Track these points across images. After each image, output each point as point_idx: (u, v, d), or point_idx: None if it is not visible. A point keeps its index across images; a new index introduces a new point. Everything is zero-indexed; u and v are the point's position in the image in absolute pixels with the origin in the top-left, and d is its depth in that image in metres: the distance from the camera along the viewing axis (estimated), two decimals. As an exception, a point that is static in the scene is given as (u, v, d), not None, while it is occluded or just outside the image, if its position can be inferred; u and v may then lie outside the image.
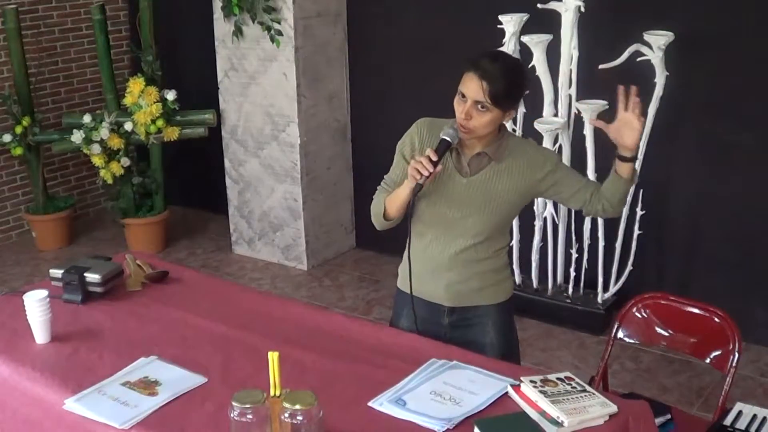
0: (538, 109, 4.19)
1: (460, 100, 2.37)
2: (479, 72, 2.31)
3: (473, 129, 2.36)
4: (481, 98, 2.31)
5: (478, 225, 2.48)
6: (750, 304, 4.06)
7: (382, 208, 2.52)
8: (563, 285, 4.49)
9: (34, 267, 5.29)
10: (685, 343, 2.81)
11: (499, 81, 2.30)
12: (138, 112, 5.05)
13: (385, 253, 5.18)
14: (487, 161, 2.45)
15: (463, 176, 2.46)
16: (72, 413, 2.16)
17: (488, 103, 2.31)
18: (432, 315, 2.59)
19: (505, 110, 2.37)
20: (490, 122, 2.36)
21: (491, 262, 2.55)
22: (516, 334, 2.73)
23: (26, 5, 5.52)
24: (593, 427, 2.03)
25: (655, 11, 4.06)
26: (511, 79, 2.33)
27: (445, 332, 2.59)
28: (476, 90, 2.31)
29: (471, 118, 2.34)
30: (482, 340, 2.58)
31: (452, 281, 2.54)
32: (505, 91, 2.31)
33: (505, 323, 2.63)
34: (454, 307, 2.58)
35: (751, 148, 4.01)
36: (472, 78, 2.32)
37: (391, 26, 5.00)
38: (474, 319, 2.59)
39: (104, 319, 2.65)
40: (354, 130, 5.31)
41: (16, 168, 5.64)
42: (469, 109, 2.34)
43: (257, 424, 1.93)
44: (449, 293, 2.56)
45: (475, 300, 2.57)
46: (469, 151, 2.46)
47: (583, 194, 2.49)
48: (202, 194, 6.10)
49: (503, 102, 2.33)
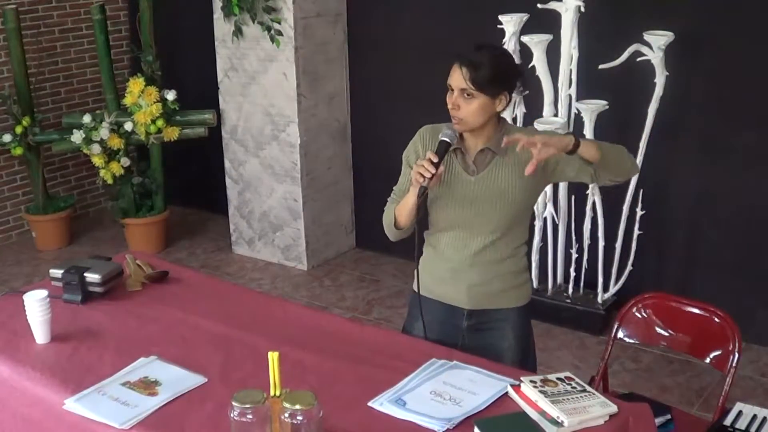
0: (538, 109, 4.19)
1: (450, 92, 2.40)
2: (460, 61, 2.35)
3: (464, 118, 2.38)
4: (464, 85, 2.34)
5: (494, 221, 2.47)
6: (750, 304, 4.06)
7: (392, 218, 2.53)
8: (563, 285, 4.49)
9: (34, 267, 5.29)
10: (685, 343, 2.82)
11: (481, 67, 2.33)
12: (138, 112, 5.05)
13: (385, 253, 5.18)
14: (492, 156, 2.45)
15: (470, 175, 2.46)
16: (72, 413, 2.16)
17: (472, 89, 2.34)
18: (450, 318, 2.57)
19: (493, 96, 2.37)
20: (479, 109, 2.37)
21: (512, 263, 2.54)
22: (533, 340, 2.71)
23: (26, 5, 5.53)
24: (593, 427, 2.03)
25: (655, 11, 4.06)
26: (493, 64, 2.35)
27: (463, 336, 2.56)
28: (459, 78, 2.35)
29: (459, 107, 2.37)
30: (501, 345, 2.56)
31: (473, 283, 2.52)
32: (488, 75, 2.33)
33: (523, 328, 2.60)
34: (474, 310, 2.55)
35: (751, 148, 4.02)
36: (455, 68, 2.37)
37: (391, 26, 5.00)
38: (493, 323, 2.56)
39: (104, 319, 2.65)
40: (354, 130, 5.31)
41: (16, 168, 5.64)
42: (456, 98, 2.37)
43: (257, 424, 1.93)
44: (470, 295, 2.53)
45: (496, 303, 2.55)
46: (472, 150, 2.47)
47: (587, 168, 2.39)
48: (202, 194, 6.09)
49: (487, 87, 2.34)
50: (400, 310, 4.47)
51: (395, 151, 2.65)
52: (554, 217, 4.30)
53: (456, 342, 2.54)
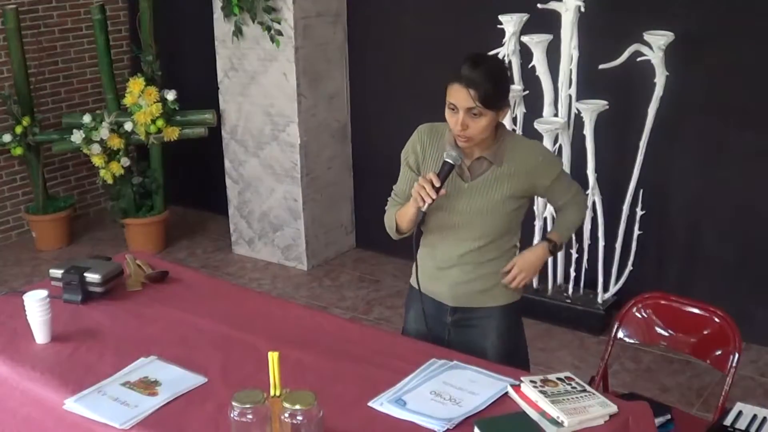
0: (538, 109, 4.19)
1: (451, 112, 2.38)
2: (463, 81, 2.33)
3: (472, 137, 2.38)
4: (472, 104, 2.33)
5: (482, 228, 2.49)
6: (750, 304, 4.06)
7: (394, 223, 2.57)
8: (563, 285, 4.49)
9: (34, 267, 5.29)
10: (685, 343, 2.82)
11: (485, 84, 2.32)
12: (138, 112, 5.05)
13: (385, 253, 5.18)
14: (488, 165, 2.47)
15: (464, 181, 2.48)
16: (72, 413, 2.16)
17: (480, 108, 2.33)
18: (437, 313, 2.61)
19: (498, 110, 2.39)
20: (487, 126, 2.38)
21: (498, 263, 2.56)
22: (523, 339, 2.72)
23: (26, 5, 5.52)
24: (593, 427, 2.03)
25: (655, 11, 4.06)
26: (495, 79, 2.35)
27: (449, 330, 2.61)
28: (465, 98, 2.33)
29: (467, 127, 2.36)
30: (482, 343, 2.58)
31: (456, 281, 2.55)
32: (493, 92, 2.33)
33: (508, 327, 2.62)
34: (457, 307, 2.59)
35: (751, 148, 4.02)
36: (458, 89, 2.34)
37: (391, 26, 5.00)
38: (476, 320, 2.59)
39: (104, 319, 2.65)
40: (354, 130, 5.31)
41: (16, 168, 5.64)
42: (463, 119, 2.35)
43: (257, 424, 1.93)
44: (452, 293, 2.57)
45: (478, 301, 2.58)
46: (469, 157, 2.48)
47: (563, 202, 2.61)
48: (202, 194, 6.09)
49: (494, 103, 2.35)
50: (400, 310, 4.46)
51: (395, 151, 2.65)
52: (554, 217, 4.30)
53: (443, 337, 2.59)
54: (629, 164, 4.09)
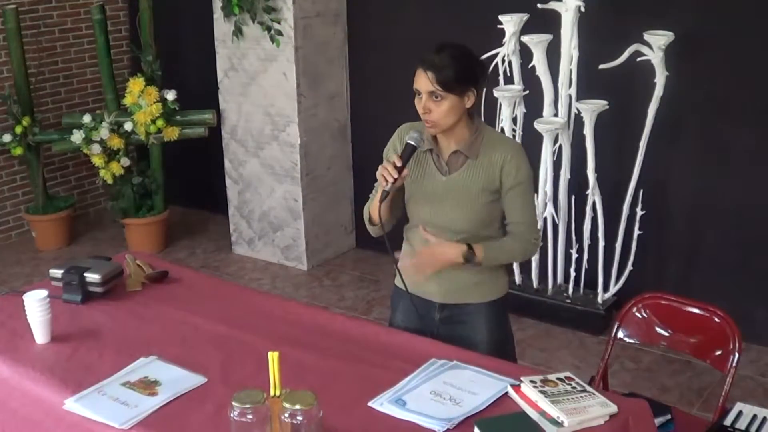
0: (538, 109, 4.19)
1: (417, 98, 2.44)
2: (424, 65, 2.39)
3: (436, 120, 2.41)
4: (432, 88, 2.38)
5: (460, 222, 2.51)
6: (750, 304, 4.06)
7: (368, 214, 2.61)
8: (563, 285, 4.49)
9: (34, 267, 5.29)
10: (685, 343, 2.81)
11: (445, 68, 2.37)
12: (138, 112, 5.05)
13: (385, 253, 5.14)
14: (464, 159, 2.49)
15: (442, 175, 2.51)
16: (72, 413, 2.16)
17: (440, 91, 2.37)
18: (424, 310, 2.62)
19: (461, 94, 2.40)
20: (450, 110, 2.40)
21: None
22: (510, 334, 2.73)
23: (26, 5, 5.52)
24: (593, 427, 2.03)
25: (655, 11, 4.06)
26: (456, 63, 2.38)
27: (437, 327, 2.62)
28: (425, 82, 2.39)
29: (430, 111, 2.40)
30: (473, 338, 2.59)
31: (442, 277, 2.56)
32: (453, 75, 2.37)
33: (496, 322, 2.64)
34: (446, 304, 2.60)
35: (751, 148, 4.02)
36: (420, 73, 2.41)
37: (391, 26, 5.00)
38: (464, 316, 2.60)
39: (104, 319, 2.65)
40: (354, 130, 5.31)
41: (16, 168, 5.64)
42: (425, 102, 2.40)
43: (257, 424, 1.93)
44: (439, 289, 2.59)
45: (466, 297, 2.59)
46: (445, 151, 2.52)
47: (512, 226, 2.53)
48: (202, 194, 6.09)
49: (454, 87, 2.38)
50: (400, 310, 4.47)
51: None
52: (554, 217, 4.30)
53: (432, 333, 2.59)
54: (629, 164, 4.09)
